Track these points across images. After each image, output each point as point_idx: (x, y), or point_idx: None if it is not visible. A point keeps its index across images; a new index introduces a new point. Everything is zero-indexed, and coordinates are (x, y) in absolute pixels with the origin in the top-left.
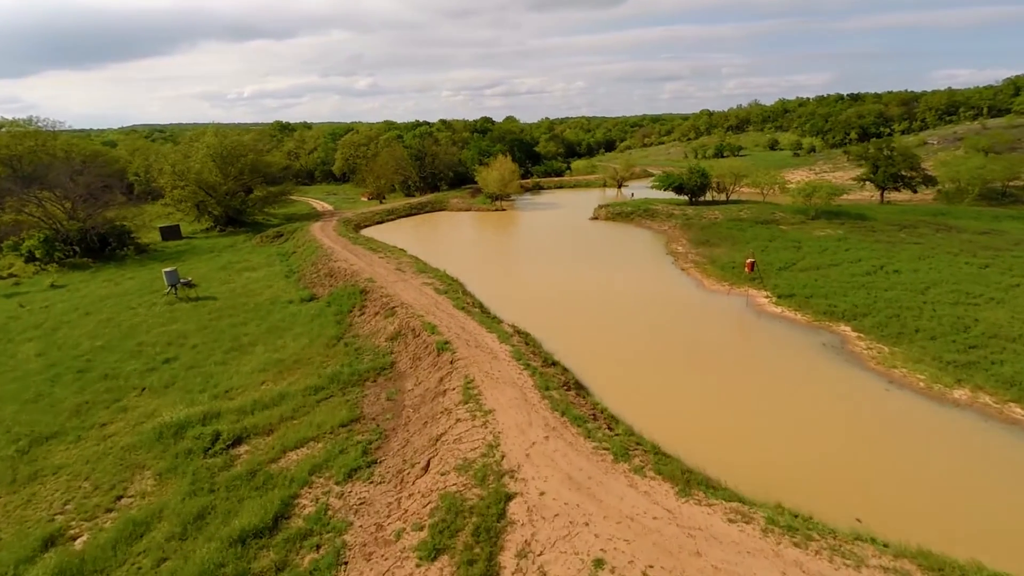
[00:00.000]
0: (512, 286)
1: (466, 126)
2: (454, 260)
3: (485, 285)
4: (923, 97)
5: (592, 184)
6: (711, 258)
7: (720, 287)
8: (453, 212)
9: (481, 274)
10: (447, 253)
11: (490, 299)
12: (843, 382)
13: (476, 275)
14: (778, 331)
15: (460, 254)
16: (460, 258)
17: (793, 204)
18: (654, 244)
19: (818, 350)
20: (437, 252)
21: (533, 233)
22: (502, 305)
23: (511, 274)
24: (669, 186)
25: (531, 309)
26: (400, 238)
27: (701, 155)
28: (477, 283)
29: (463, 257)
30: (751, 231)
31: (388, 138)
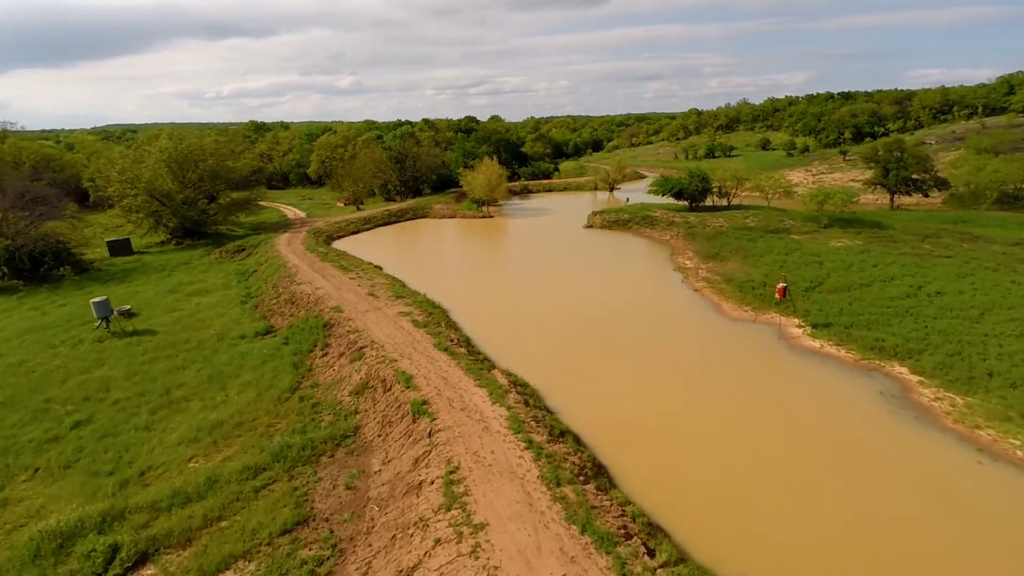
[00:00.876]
0: (504, 312)
1: (450, 125)
2: (436, 279)
3: (472, 311)
4: (916, 96)
5: (583, 187)
6: (725, 275)
7: (743, 312)
8: (436, 220)
9: (468, 297)
10: (429, 270)
11: (479, 330)
12: (921, 451)
13: (462, 298)
14: (822, 373)
15: (443, 271)
16: (443, 276)
17: (804, 211)
18: (658, 257)
19: (876, 401)
20: (417, 268)
21: (524, 244)
22: (493, 339)
23: (502, 296)
24: (668, 191)
25: (527, 344)
26: (376, 252)
27: (692, 155)
28: (463, 309)
29: (447, 275)
30: (762, 242)
31: (367, 139)
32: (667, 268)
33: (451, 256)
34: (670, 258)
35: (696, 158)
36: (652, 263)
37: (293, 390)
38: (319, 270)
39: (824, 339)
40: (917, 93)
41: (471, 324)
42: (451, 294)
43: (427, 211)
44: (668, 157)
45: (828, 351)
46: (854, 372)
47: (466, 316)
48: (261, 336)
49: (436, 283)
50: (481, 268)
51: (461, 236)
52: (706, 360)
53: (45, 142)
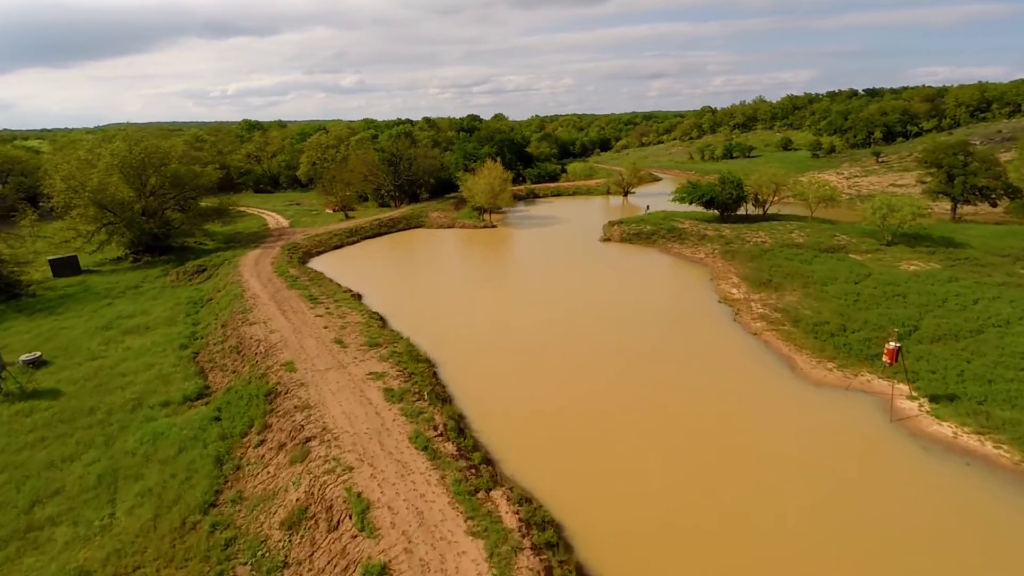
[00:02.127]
0: (509, 366)
1: (452, 124)
2: (426, 311)
3: (469, 365)
4: (949, 92)
5: (594, 191)
6: (787, 312)
7: (826, 372)
8: (432, 230)
9: (464, 340)
10: (417, 299)
11: (475, 397)
12: None
13: (456, 342)
14: (973, 491)
15: (435, 300)
16: (434, 308)
17: (861, 223)
18: (696, 283)
19: None
20: (404, 297)
21: (531, 263)
22: (494, 413)
23: (506, 341)
24: (697, 199)
25: (543, 424)
26: (358, 273)
27: (708, 156)
28: (457, 360)
29: (439, 305)
30: (819, 264)
31: (361, 139)
32: (710, 298)
33: (446, 279)
34: (711, 284)
35: (713, 159)
36: (691, 291)
37: (205, 510)
38: (282, 302)
39: (954, 421)
40: (950, 89)
41: (465, 386)
42: (442, 335)
43: (422, 220)
44: (682, 157)
45: (968, 444)
46: (1020, 489)
47: (460, 372)
48: (189, 403)
49: (425, 318)
50: (481, 297)
51: (459, 252)
52: (800, 459)
53: (24, 143)
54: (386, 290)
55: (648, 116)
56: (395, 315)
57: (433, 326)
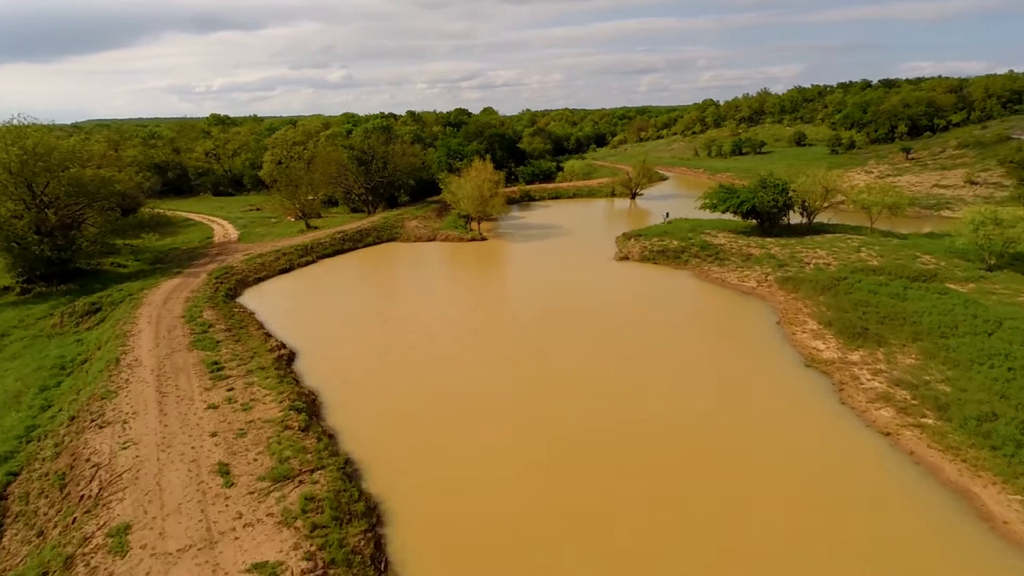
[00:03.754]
0: (515, 510)
1: (438, 119)
2: (385, 382)
3: (448, 506)
4: (975, 82)
5: (596, 192)
6: (914, 386)
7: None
8: (408, 244)
9: (438, 449)
10: (376, 357)
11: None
12: None
13: (426, 453)
14: None
15: (400, 359)
16: (397, 374)
17: (946, 241)
18: (759, 328)
19: None
20: (358, 354)
21: (531, 292)
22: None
23: (505, 451)
24: (733, 207)
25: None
26: (302, 312)
27: (715, 152)
28: (428, 493)
29: (404, 370)
30: (918, 300)
31: (332, 134)
32: (788, 358)
33: (419, 321)
34: (781, 331)
35: (721, 155)
36: (756, 344)
37: None
38: (168, 377)
39: None
40: (970, 81)
41: (441, 558)
42: (404, 433)
43: (397, 231)
44: (686, 153)
45: None
46: None
47: (433, 526)
48: None
49: (382, 394)
50: (463, 352)
51: (439, 277)
52: None
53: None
54: (334, 342)
55: (641, 111)
56: (339, 392)
57: (388, 409)
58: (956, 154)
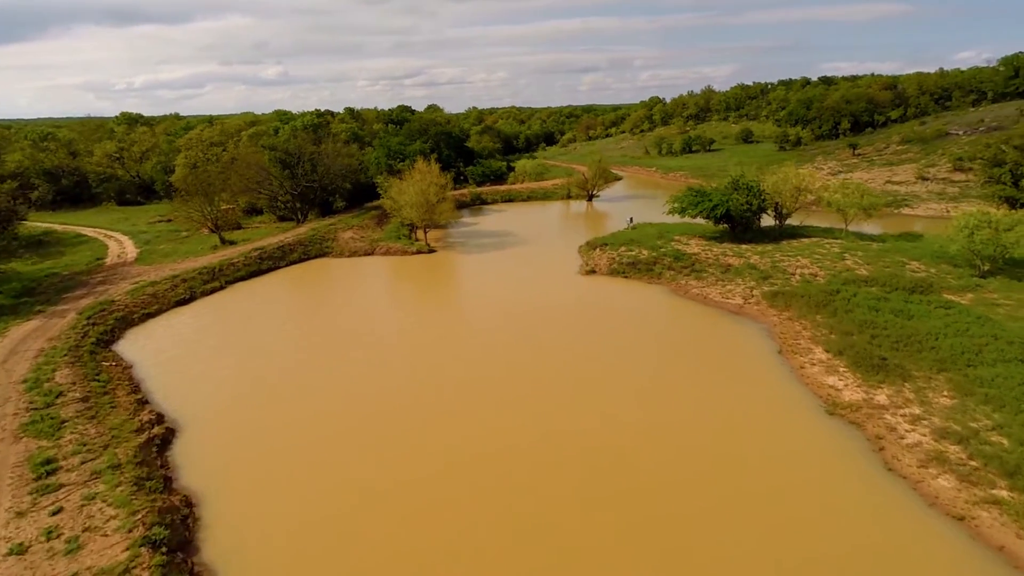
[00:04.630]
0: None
1: (379, 116)
2: (299, 480)
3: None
4: (907, 79)
5: (551, 194)
6: (964, 438)
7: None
8: (342, 260)
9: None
10: (290, 432)
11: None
12: None
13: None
14: None
15: (324, 438)
16: (319, 465)
17: (950, 250)
18: (759, 361)
19: None
20: (261, 426)
21: (490, 320)
22: None
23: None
24: (707, 212)
25: None
26: (193, 360)
27: (666, 150)
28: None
29: (328, 458)
30: (925, 318)
31: (256, 133)
32: (804, 401)
33: (351, 367)
34: (785, 363)
35: (672, 153)
36: (758, 382)
37: None
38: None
39: None
40: (899, 78)
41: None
42: (340, 558)
43: (328, 244)
44: (636, 152)
45: None
46: None
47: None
48: None
49: (301, 491)
50: (414, 418)
51: (377, 301)
52: None
53: None
54: (233, 406)
55: (587, 109)
56: (233, 492)
57: (328, 532)
58: (900, 149)
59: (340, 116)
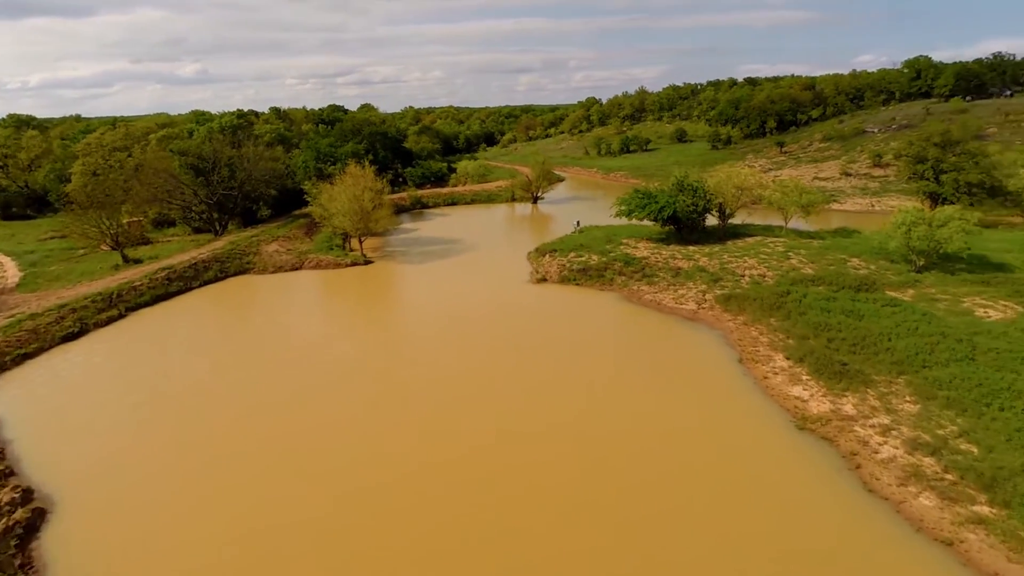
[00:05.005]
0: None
1: (309, 116)
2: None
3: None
4: (825, 80)
5: (495, 197)
6: (936, 449)
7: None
8: (266, 277)
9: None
10: (194, 507)
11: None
12: None
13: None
14: None
15: (237, 516)
16: (235, 549)
17: (888, 246)
18: (719, 370)
19: None
20: (160, 498)
21: (435, 338)
22: None
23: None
24: (655, 215)
25: None
26: (81, 411)
27: (604, 150)
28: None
29: (247, 542)
30: (875, 318)
31: (165, 136)
32: (769, 413)
33: (273, 407)
34: (750, 374)
35: (610, 153)
36: (721, 393)
37: None
38: None
39: None
40: (816, 79)
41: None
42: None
43: (249, 259)
44: (576, 152)
45: None
46: None
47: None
48: None
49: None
50: (349, 472)
51: (305, 323)
52: None
53: None
54: (125, 472)
55: (525, 109)
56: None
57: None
58: (823, 147)
59: (265, 116)
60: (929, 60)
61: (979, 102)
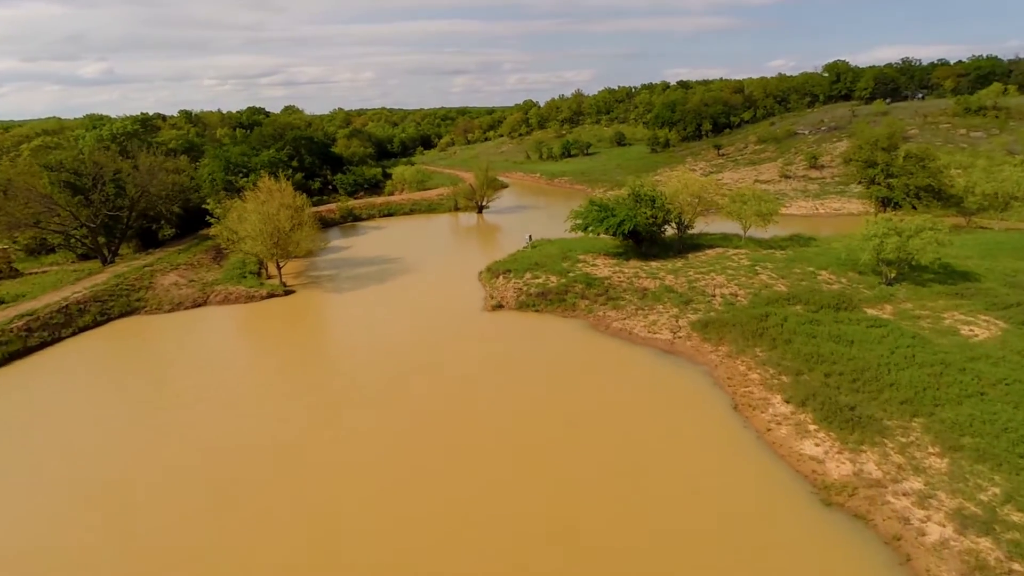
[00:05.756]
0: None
1: (224, 120)
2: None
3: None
4: (754, 83)
5: (436, 206)
6: (995, 529)
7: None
8: (161, 317)
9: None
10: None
11: None
12: None
13: None
14: None
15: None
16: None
17: (861, 259)
18: (710, 417)
19: None
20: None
21: (376, 391)
22: None
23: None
24: (614, 229)
25: None
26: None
27: (546, 154)
28: None
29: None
30: (864, 344)
31: (38, 147)
32: (783, 482)
33: (159, 512)
34: (748, 424)
35: (552, 157)
36: (723, 457)
37: None
38: None
39: None
40: (744, 82)
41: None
42: None
43: (139, 297)
44: (517, 156)
45: None
46: None
47: None
48: None
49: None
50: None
51: (208, 382)
52: None
53: None
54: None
55: (462, 111)
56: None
57: None
58: (758, 149)
59: (172, 120)
60: (847, 64)
61: (897, 104)
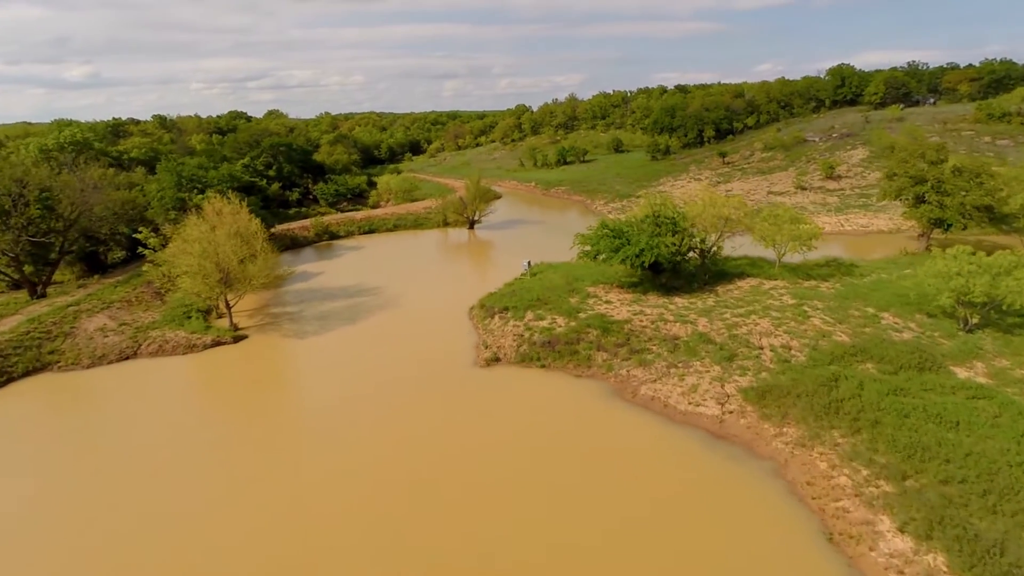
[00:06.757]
0: None
1: (202, 125)
2: None
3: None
4: (756, 88)
5: (423, 221)
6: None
7: None
8: (76, 375)
9: None
10: None
11: None
12: None
13: None
14: None
15: None
16: None
17: (939, 301)
18: (794, 549)
19: None
20: None
21: (332, 496)
22: None
23: None
24: (633, 259)
25: None
26: None
27: (541, 161)
28: None
29: None
30: (976, 425)
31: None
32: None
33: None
34: (857, 569)
35: (547, 165)
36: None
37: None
38: None
39: None
40: (744, 86)
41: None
42: None
43: (54, 348)
44: (510, 163)
45: None
46: None
47: None
48: None
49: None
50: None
51: (129, 470)
52: None
53: None
54: None
55: (452, 115)
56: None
57: None
58: (766, 156)
59: (143, 126)
60: (852, 68)
61: (911, 109)
